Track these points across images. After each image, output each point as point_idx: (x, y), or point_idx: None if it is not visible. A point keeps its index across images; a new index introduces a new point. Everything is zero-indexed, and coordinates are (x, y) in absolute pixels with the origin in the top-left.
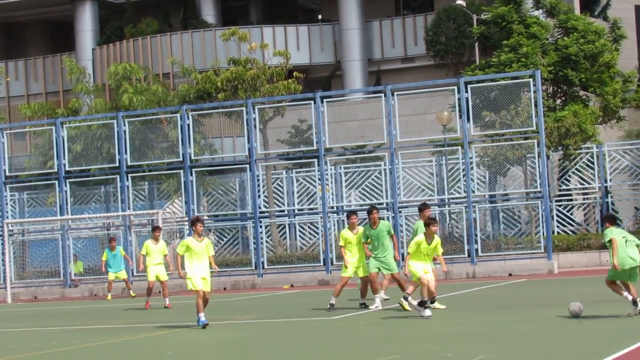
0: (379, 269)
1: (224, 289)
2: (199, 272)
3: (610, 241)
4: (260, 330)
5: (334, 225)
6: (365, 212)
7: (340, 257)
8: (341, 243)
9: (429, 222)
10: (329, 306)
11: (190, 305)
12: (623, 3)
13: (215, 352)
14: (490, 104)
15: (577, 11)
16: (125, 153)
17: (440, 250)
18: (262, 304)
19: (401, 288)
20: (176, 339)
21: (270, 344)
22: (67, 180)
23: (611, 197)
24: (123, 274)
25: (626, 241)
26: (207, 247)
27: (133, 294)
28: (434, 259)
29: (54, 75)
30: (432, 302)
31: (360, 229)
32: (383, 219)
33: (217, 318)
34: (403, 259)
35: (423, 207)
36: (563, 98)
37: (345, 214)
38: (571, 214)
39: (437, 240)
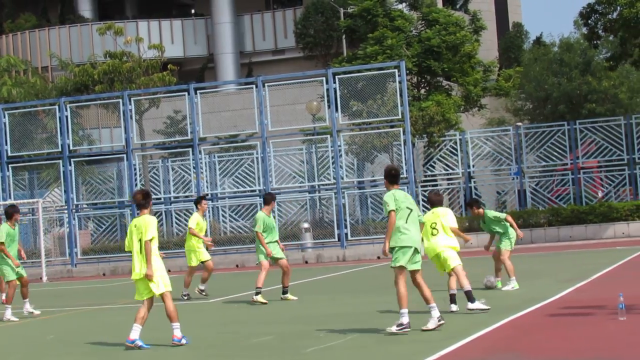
0: None
1: (104, 274)
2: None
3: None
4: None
5: (209, 211)
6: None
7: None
8: None
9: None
10: None
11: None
12: None
13: (95, 335)
14: (358, 94)
15: (440, 4)
16: (6, 144)
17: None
18: None
19: None
20: (60, 324)
21: (148, 327)
22: None
23: (474, 182)
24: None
25: None
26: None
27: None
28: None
29: None
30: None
31: None
32: None
33: (100, 302)
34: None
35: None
36: (427, 88)
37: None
38: None
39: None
